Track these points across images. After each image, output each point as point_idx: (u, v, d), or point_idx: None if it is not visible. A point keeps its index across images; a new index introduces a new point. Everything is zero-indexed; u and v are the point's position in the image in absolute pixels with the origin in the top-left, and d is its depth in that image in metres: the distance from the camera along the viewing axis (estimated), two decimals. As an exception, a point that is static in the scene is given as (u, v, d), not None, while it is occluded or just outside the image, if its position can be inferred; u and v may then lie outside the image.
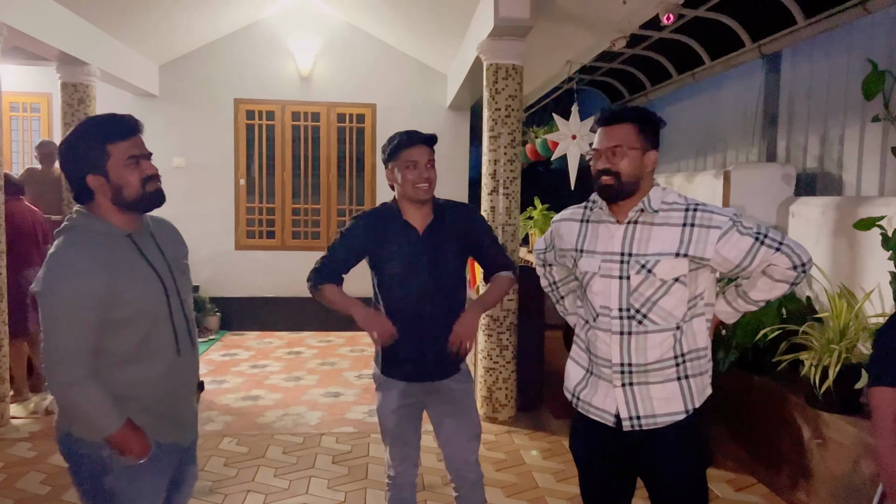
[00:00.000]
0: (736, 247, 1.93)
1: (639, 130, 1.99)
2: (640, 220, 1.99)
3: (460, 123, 8.05)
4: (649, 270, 1.95)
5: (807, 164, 4.74)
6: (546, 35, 4.90)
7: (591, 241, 2.07)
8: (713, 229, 1.92)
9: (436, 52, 7.31)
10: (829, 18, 3.92)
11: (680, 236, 1.95)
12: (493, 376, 4.73)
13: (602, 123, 2.02)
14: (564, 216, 2.21)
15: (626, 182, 1.98)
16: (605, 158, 1.98)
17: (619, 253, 2.00)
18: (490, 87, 4.62)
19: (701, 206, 1.99)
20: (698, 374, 2.02)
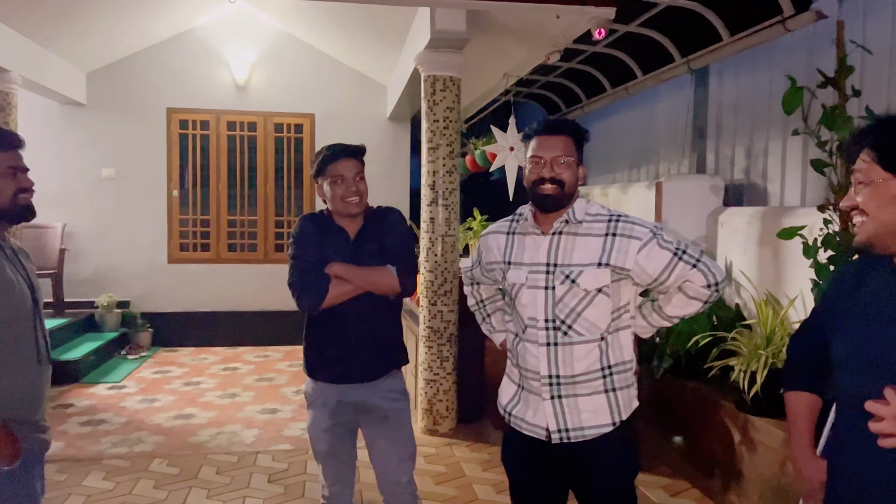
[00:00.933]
0: (655, 259, 1.96)
1: (574, 143, 2.03)
2: (565, 231, 2.01)
3: (401, 134, 8.04)
4: (573, 281, 1.96)
5: (734, 176, 4.91)
6: (483, 48, 4.94)
7: (518, 253, 2.09)
8: (634, 240, 1.96)
9: (375, 63, 7.29)
10: (752, 36, 4.08)
11: (602, 246, 1.98)
12: (434, 388, 4.70)
13: (544, 132, 2.02)
14: (491, 230, 2.23)
15: (568, 193, 2.01)
16: (550, 167, 1.98)
17: (545, 264, 2.01)
18: (428, 98, 4.63)
19: (623, 216, 2.03)
20: (625, 386, 2.04)
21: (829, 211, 3.14)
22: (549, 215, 2.03)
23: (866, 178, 1.35)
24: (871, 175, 1.35)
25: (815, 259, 3.10)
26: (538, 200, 2.01)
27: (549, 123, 2.02)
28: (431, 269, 4.66)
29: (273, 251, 7.86)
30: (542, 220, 2.06)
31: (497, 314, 2.39)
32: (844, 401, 1.45)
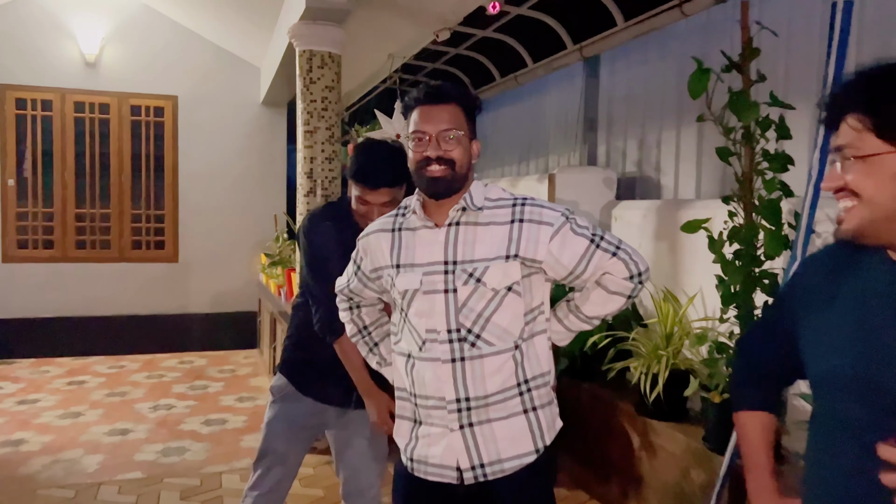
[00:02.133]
0: (569, 248, 1.63)
1: (465, 113, 1.68)
2: (463, 221, 1.66)
3: (276, 121, 7.43)
4: (478, 279, 1.62)
5: (626, 169, 4.77)
6: (366, 24, 4.51)
7: (408, 253, 1.71)
8: (544, 226, 1.63)
9: (247, 42, 6.66)
10: (649, 20, 3.91)
11: (508, 235, 1.63)
12: (312, 400, 4.22)
13: (426, 101, 1.65)
14: (372, 229, 1.82)
15: (460, 173, 1.65)
16: (436, 143, 1.62)
17: (443, 262, 1.65)
18: (304, 76, 4.14)
19: (529, 200, 1.69)
20: (546, 403, 1.70)
21: (733, 203, 2.97)
22: (442, 203, 1.67)
23: (857, 150, 1.06)
24: (864, 146, 1.05)
25: (721, 254, 2.92)
26: (425, 185, 1.65)
27: (432, 90, 1.65)
28: (309, 268, 4.17)
29: (130, 249, 7.03)
30: (433, 210, 1.69)
31: (386, 341, 1.96)
32: (827, 428, 1.15)
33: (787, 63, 3.35)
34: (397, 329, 1.76)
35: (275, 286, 5.69)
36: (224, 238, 7.27)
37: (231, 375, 6.21)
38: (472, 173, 1.73)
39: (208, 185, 7.18)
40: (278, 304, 5.49)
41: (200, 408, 5.17)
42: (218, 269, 7.28)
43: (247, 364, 6.67)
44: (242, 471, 3.90)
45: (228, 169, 7.24)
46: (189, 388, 5.75)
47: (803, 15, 3.28)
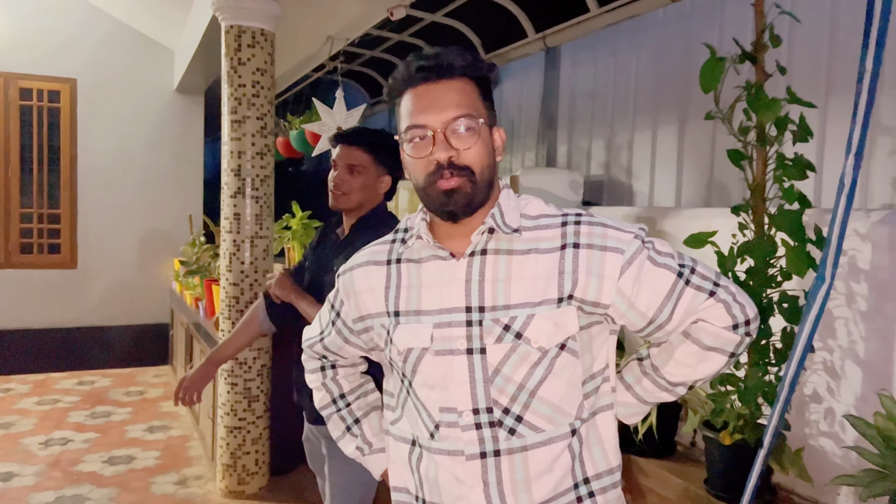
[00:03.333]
0: (648, 285, 1.15)
1: (480, 92, 1.17)
2: (492, 249, 1.17)
3: (192, 110, 6.65)
4: (518, 334, 1.12)
5: (591, 171, 4.37)
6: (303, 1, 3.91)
7: (412, 295, 1.20)
8: (611, 252, 1.14)
9: (161, 22, 5.89)
10: (627, 6, 3.50)
11: (559, 267, 1.14)
12: (240, 437, 3.60)
13: (422, 79, 1.14)
14: (358, 261, 1.29)
15: (482, 180, 1.15)
16: (444, 142, 1.12)
17: (464, 308, 1.15)
18: (231, 56, 3.51)
19: (585, 215, 1.19)
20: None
21: (743, 214, 2.59)
22: (463, 223, 1.16)
23: None
24: None
25: (734, 273, 2.53)
26: (439, 204, 1.14)
27: (429, 62, 1.13)
28: (236, 282, 3.55)
29: (18, 252, 6.10)
30: (446, 233, 1.19)
31: (373, 416, 1.43)
32: None
33: (791, 57, 3.01)
34: (395, 403, 1.23)
35: (191, 298, 4.98)
36: (131, 241, 6.45)
37: (139, 399, 5.44)
38: (497, 178, 1.22)
39: (112, 181, 6.34)
40: (194, 317, 4.80)
41: (103, 441, 4.42)
42: (123, 275, 6.44)
43: (157, 384, 5.90)
44: (155, 526, 3.25)
45: (136, 163, 6.41)
46: (89, 415, 4.96)
47: (808, 4, 2.94)
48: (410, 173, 1.19)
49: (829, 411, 2.48)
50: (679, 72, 3.56)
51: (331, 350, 1.36)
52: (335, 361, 1.40)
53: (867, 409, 2.24)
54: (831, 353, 2.48)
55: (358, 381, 1.43)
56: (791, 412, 2.53)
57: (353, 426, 1.41)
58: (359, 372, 1.43)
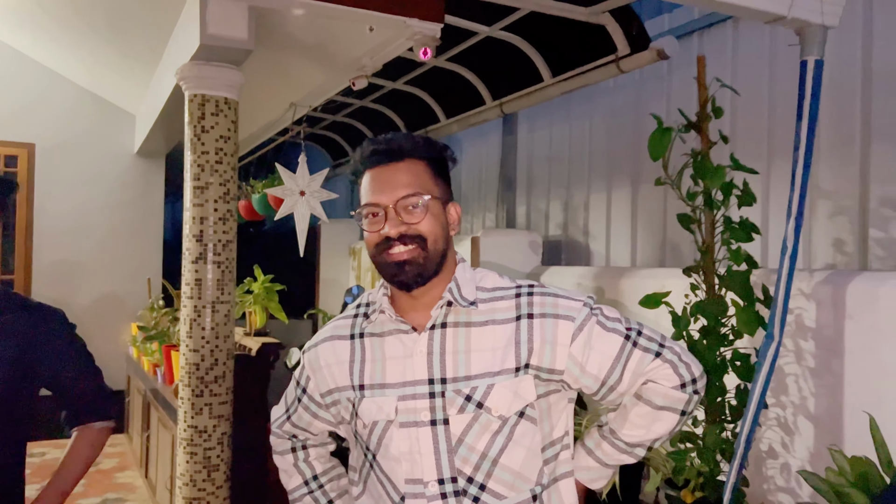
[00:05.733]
0: (597, 349, 1.22)
1: (432, 170, 1.26)
2: (451, 322, 1.23)
3: (153, 174, 6.64)
4: (479, 404, 1.18)
5: (549, 232, 4.48)
6: (267, 67, 4.01)
7: (377, 369, 1.24)
8: (563, 321, 1.21)
9: (122, 86, 5.92)
10: (581, 76, 3.67)
11: (515, 337, 1.20)
12: (198, 509, 3.49)
13: (378, 160, 1.24)
14: (322, 336, 1.33)
15: (434, 251, 1.22)
16: (395, 218, 1.20)
17: (427, 380, 1.20)
18: (195, 124, 3.54)
19: (536, 286, 1.27)
20: None
21: (695, 275, 2.69)
22: (418, 296, 1.23)
23: None
24: None
25: (688, 332, 2.61)
26: (391, 274, 1.22)
27: (381, 146, 1.24)
28: (197, 348, 3.51)
29: (-32, 320, 5.91)
30: (406, 306, 1.25)
31: (346, 499, 1.43)
32: None
33: (733, 124, 3.19)
34: (358, 478, 1.25)
35: (149, 364, 4.88)
36: (86, 305, 6.30)
37: (93, 470, 5.24)
38: (453, 251, 1.29)
39: (69, 244, 6.23)
40: (152, 384, 4.69)
41: (52, 518, 4.22)
42: (79, 341, 6.27)
43: (112, 454, 5.69)
44: None
45: (94, 225, 6.33)
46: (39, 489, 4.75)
47: (748, 73, 3.14)
48: (368, 248, 1.26)
49: (784, 466, 2.54)
50: (630, 138, 3.73)
51: (299, 427, 1.38)
52: (305, 441, 1.41)
53: (820, 464, 2.30)
54: (784, 409, 2.56)
55: (329, 462, 1.44)
56: (749, 468, 2.58)
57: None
58: (328, 453, 1.44)
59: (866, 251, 2.72)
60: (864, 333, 2.29)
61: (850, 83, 2.72)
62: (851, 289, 2.33)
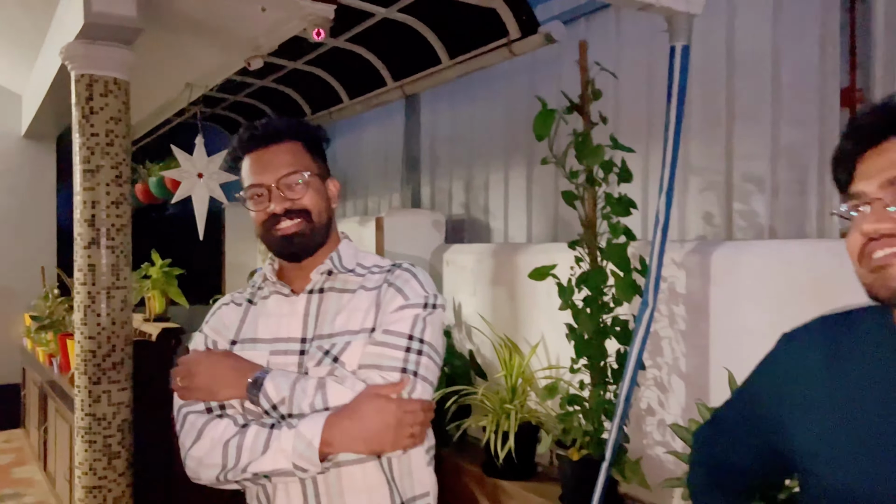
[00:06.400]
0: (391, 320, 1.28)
1: (309, 150, 1.36)
2: (328, 287, 1.33)
3: (43, 157, 6.33)
4: (335, 358, 1.26)
5: (453, 211, 4.60)
6: (161, 46, 3.91)
7: (251, 326, 1.34)
8: (401, 295, 1.30)
9: (4, 65, 5.60)
10: (475, 59, 3.77)
11: (376, 301, 1.30)
12: (100, 497, 3.43)
13: (257, 144, 1.33)
14: (225, 301, 1.44)
15: (319, 223, 1.33)
16: (279, 195, 1.29)
17: (300, 339, 1.30)
18: (83, 105, 3.43)
19: (408, 266, 1.36)
20: None
21: (579, 248, 2.86)
22: (303, 266, 1.33)
23: None
24: None
25: (572, 302, 2.78)
26: (279, 247, 1.32)
27: (259, 130, 1.33)
28: (93, 335, 3.43)
29: None
30: (292, 275, 1.35)
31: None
32: None
33: (616, 106, 3.38)
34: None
35: (44, 354, 4.71)
36: (-25, 297, 5.99)
37: (-13, 467, 5.02)
38: (335, 224, 1.40)
39: (-48, 234, 5.89)
40: (48, 375, 4.54)
41: (-58, 518, 4.05)
42: (-34, 334, 5.95)
43: (8, 450, 5.46)
44: None
45: (-21, 212, 6.01)
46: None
47: (630, 58, 3.32)
48: (256, 226, 1.35)
49: (661, 422, 2.76)
50: (525, 119, 3.86)
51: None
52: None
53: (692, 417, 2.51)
54: (660, 369, 2.77)
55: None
56: (630, 425, 2.79)
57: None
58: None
59: (731, 223, 2.97)
60: (727, 297, 2.51)
61: (716, 68, 2.94)
62: (716, 257, 2.54)
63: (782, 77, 2.67)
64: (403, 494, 1.30)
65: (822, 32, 2.50)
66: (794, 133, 2.61)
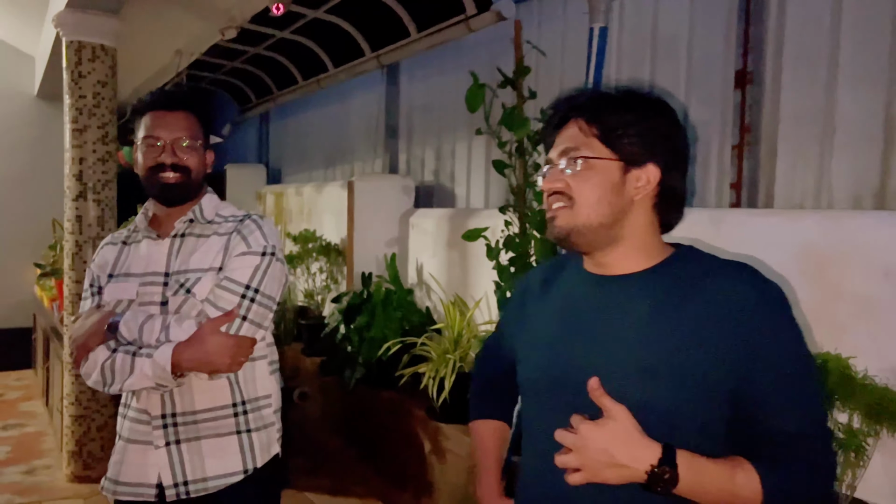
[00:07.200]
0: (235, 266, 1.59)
1: (200, 123, 1.68)
2: (188, 233, 1.65)
3: (54, 116, 6.68)
4: (188, 290, 1.59)
5: (425, 178, 4.85)
6: (148, 15, 4.20)
7: (125, 263, 1.67)
8: (243, 242, 1.60)
9: (18, 27, 5.95)
10: (439, 33, 4.00)
11: (225, 245, 1.62)
12: (84, 426, 3.83)
13: (160, 106, 1.64)
14: (107, 240, 1.76)
15: (195, 181, 1.66)
16: (171, 151, 1.60)
17: (163, 273, 1.62)
18: (72, 69, 3.76)
19: (257, 217, 1.67)
20: (262, 427, 1.68)
21: (509, 212, 3.12)
22: (171, 214, 1.65)
23: (583, 152, 1.09)
24: (590, 152, 1.10)
25: (498, 261, 3.05)
26: (158, 191, 1.63)
27: (166, 95, 1.66)
28: (79, 280, 3.79)
29: None
30: (161, 220, 1.67)
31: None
32: (531, 430, 1.21)
33: (563, 81, 3.59)
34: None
35: (47, 299, 5.12)
36: (-10, 246, 6.44)
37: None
38: (205, 186, 1.73)
39: (-31, 187, 6.32)
40: (51, 320, 4.95)
41: (-47, 441, 4.51)
42: (-18, 281, 6.42)
43: (18, 387, 5.94)
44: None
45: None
46: None
47: (575, 37, 3.51)
48: (141, 168, 1.64)
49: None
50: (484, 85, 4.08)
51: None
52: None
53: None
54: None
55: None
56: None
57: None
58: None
59: (649, 193, 3.18)
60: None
61: (641, 49, 3.13)
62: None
63: (695, 57, 2.87)
64: (246, 395, 1.65)
65: (728, 17, 2.69)
66: (703, 110, 2.82)
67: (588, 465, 0.98)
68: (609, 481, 0.99)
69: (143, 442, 1.60)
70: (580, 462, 0.99)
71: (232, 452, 1.62)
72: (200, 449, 1.60)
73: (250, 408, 1.66)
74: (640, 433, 0.98)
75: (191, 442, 1.60)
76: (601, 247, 1.12)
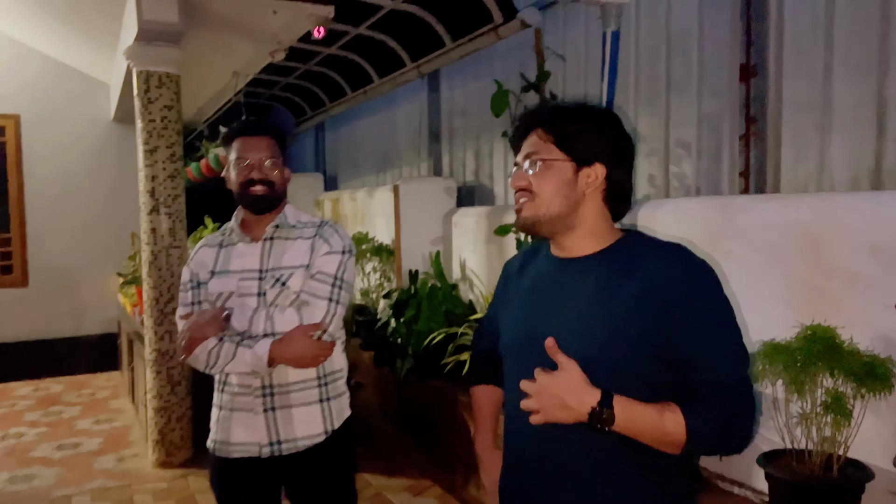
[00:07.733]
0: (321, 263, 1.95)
1: (278, 145, 2.03)
2: (276, 237, 2.00)
3: (128, 137, 7.24)
4: (283, 283, 1.94)
5: (466, 178, 5.11)
6: (204, 43, 4.60)
7: (225, 263, 2.02)
8: (325, 244, 1.98)
9: (94, 59, 6.50)
10: (471, 42, 4.26)
11: (311, 247, 1.98)
12: (165, 417, 4.25)
13: (246, 133, 2.01)
14: (202, 243, 2.11)
15: (279, 192, 2.01)
16: (258, 169, 1.96)
17: (258, 270, 1.98)
18: (142, 96, 4.18)
19: (332, 223, 2.05)
20: (336, 395, 2.05)
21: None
22: (261, 220, 2.00)
23: (542, 156, 1.33)
24: (547, 154, 1.33)
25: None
26: (249, 202, 1.98)
27: (250, 124, 2.03)
28: (156, 286, 4.22)
29: (-28, 275, 6.67)
30: (252, 226, 2.02)
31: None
32: (509, 386, 1.46)
33: (587, 83, 3.78)
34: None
35: (129, 306, 5.62)
36: (79, 259, 7.05)
37: (90, 399, 6.05)
38: (286, 196, 2.08)
39: (58, 205, 6.95)
40: (133, 324, 5.43)
41: (53, 433, 5.03)
42: (73, 291, 7.04)
43: (107, 387, 6.50)
44: (94, 492, 3.89)
45: (80, 187, 7.04)
46: (42, 414, 5.57)
47: (595, 42, 3.70)
48: (235, 185, 1.99)
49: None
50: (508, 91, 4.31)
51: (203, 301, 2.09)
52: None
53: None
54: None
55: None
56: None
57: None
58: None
59: (668, 184, 3.34)
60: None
61: (657, 46, 3.30)
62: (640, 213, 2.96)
63: (705, 52, 3.02)
64: (327, 369, 2.00)
65: (733, 13, 2.83)
66: (713, 103, 2.97)
67: (544, 407, 1.22)
68: (561, 421, 1.22)
69: (246, 410, 1.94)
70: (538, 405, 1.23)
71: (316, 417, 1.97)
72: (292, 416, 1.94)
73: (329, 379, 2.01)
74: (586, 382, 1.21)
75: (283, 409, 1.94)
76: (560, 233, 1.36)
